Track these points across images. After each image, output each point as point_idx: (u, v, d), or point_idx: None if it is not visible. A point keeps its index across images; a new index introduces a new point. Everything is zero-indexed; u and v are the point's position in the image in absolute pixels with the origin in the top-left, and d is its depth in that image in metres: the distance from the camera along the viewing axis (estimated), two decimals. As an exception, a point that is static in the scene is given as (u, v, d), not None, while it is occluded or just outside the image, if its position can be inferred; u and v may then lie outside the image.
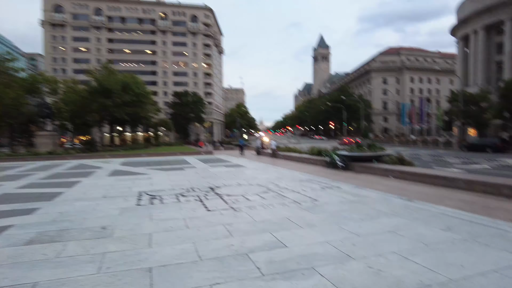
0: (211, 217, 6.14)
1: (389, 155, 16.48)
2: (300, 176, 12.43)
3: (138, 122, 47.94)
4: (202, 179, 11.73)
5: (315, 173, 13.53)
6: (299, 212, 6.34)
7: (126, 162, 20.88)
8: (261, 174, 13.18)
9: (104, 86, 36.05)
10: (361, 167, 14.94)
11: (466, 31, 56.03)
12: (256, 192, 8.76)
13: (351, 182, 10.99)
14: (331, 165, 16.59)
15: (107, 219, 6.14)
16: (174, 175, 13.19)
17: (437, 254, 3.93)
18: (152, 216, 6.31)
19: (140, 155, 29.38)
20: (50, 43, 75.55)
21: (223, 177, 12.21)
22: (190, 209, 6.88)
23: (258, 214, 6.22)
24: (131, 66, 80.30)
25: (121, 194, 8.95)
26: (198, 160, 22.16)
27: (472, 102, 41.28)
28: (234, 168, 15.88)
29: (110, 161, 22.29)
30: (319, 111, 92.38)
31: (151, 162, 21.06)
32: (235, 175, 12.96)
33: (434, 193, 8.64)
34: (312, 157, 19.16)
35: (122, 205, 7.49)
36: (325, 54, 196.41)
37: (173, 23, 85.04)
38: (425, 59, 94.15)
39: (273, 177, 11.98)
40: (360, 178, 12.26)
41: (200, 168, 16.00)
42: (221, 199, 7.90)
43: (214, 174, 13.27)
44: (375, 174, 13.80)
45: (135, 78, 45.68)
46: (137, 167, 17.01)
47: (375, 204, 6.96)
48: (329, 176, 12.61)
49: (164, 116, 77.00)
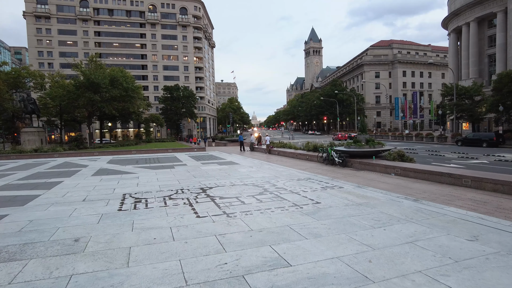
0: (201, 225, 5.41)
1: (388, 150, 15.97)
2: (297, 174, 11.77)
3: (128, 117, 46.53)
4: (193, 179, 10.96)
5: (312, 170, 12.89)
6: (301, 218, 5.65)
7: (114, 160, 19.93)
8: (256, 172, 12.47)
9: (91, 80, 34.55)
10: (360, 164, 14.36)
11: (458, 23, 55.81)
12: (251, 193, 8.05)
13: (351, 180, 10.37)
14: (328, 161, 16.00)
15: (83, 229, 5.36)
16: (163, 174, 12.38)
17: (473, 274, 3.28)
18: (134, 224, 5.55)
19: (130, 152, 28.35)
20: (35, 36, 72.79)
21: (216, 176, 11.45)
22: (177, 215, 6.13)
23: (254, 221, 5.51)
24: (120, 60, 78.07)
25: (103, 197, 8.14)
26: (190, 157, 21.32)
27: (465, 95, 41.11)
28: (228, 165, 15.11)
29: (98, 159, 21.28)
30: (312, 105, 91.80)
31: (140, 159, 20.15)
32: (228, 173, 12.22)
33: (440, 191, 8.08)
34: (308, 153, 18.53)
35: (102, 210, 6.70)
36: (317, 48, 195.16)
37: (162, 16, 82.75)
38: (416, 53, 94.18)
39: (269, 176, 11.28)
40: (360, 175, 11.66)
41: (191, 166, 15.20)
42: (213, 202, 7.17)
43: (206, 173, 12.50)
44: (375, 171, 13.23)
45: (124, 72, 44.11)
46: (125, 165, 16.12)
47: (384, 207, 6.32)
48: (327, 174, 11.98)
49: (155, 111, 75.50)
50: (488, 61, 51.44)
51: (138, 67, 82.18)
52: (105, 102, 36.74)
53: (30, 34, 73.06)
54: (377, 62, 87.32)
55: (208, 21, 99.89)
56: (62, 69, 59.13)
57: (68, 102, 36.41)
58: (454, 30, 57.76)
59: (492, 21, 49.79)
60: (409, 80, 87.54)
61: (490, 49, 50.67)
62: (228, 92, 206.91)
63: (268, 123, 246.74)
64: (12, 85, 43.83)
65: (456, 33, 57.94)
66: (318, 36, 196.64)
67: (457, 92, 41.02)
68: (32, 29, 73.05)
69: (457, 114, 42.45)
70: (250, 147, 27.19)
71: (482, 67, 51.80)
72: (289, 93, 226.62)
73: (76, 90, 35.58)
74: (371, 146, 15.51)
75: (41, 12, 72.89)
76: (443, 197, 7.36)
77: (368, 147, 15.46)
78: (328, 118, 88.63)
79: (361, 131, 16.79)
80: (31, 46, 73.67)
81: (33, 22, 73.10)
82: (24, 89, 49.44)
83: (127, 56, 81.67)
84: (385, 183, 9.97)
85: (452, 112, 43.07)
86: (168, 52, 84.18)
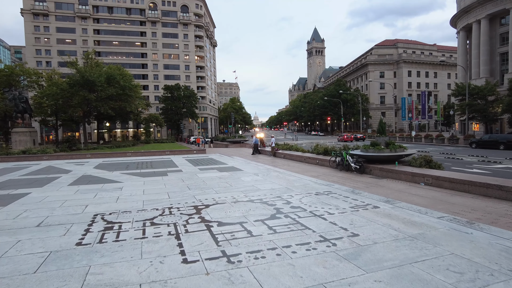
0: (188, 281, 3.51)
1: (411, 155, 14.04)
2: (312, 184, 9.85)
3: (126, 117, 44.67)
4: (187, 191, 9.05)
5: (327, 178, 11.00)
6: (339, 267, 3.74)
7: (103, 164, 18.07)
8: (263, 182, 10.55)
9: (86, 78, 32.70)
10: (381, 170, 12.45)
11: (468, 21, 53.77)
12: (260, 216, 6.14)
13: (376, 191, 8.51)
14: (342, 166, 14.10)
15: (5, 286, 3.48)
16: (152, 184, 10.48)
17: None
18: (88, 276, 3.66)
19: (125, 154, 26.51)
20: (32, 34, 71.10)
21: (214, 188, 9.54)
22: (156, 256, 4.24)
23: (270, 275, 3.60)
24: (120, 59, 76.20)
25: (67, 219, 6.26)
26: (187, 161, 19.43)
27: (478, 95, 39.09)
28: (229, 172, 13.17)
29: (87, 162, 19.45)
30: (315, 105, 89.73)
31: (132, 163, 18.28)
32: (230, 183, 10.29)
33: (494, 210, 6.30)
34: (318, 157, 16.61)
35: (55, 244, 4.82)
36: (319, 48, 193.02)
37: (163, 14, 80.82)
38: (422, 52, 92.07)
39: (279, 187, 9.37)
40: (384, 185, 9.78)
41: (187, 173, 13.28)
42: (208, 231, 5.26)
43: (203, 183, 10.59)
44: (400, 179, 11.33)
45: (121, 70, 42.30)
46: (112, 171, 14.25)
47: (451, 243, 4.41)
48: (346, 183, 10.09)
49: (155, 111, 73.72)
50: (500, 60, 49.40)
51: (138, 66, 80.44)
52: (100, 101, 34.92)
53: (27, 32, 71.44)
54: (382, 61, 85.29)
55: (210, 20, 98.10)
56: (60, 67, 57.48)
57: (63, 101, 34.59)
58: (464, 28, 55.74)
59: (504, 18, 47.79)
60: (415, 80, 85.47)
61: (502, 47, 48.62)
62: (230, 92, 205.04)
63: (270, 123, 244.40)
64: (5, 83, 42.06)
65: (465, 31, 55.92)
66: (320, 36, 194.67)
67: (469, 91, 39.01)
68: (29, 27, 71.43)
69: (469, 115, 40.41)
70: (254, 149, 25.13)
71: (494, 66, 49.76)
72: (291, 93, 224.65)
73: (70, 88, 33.75)
74: (392, 150, 13.59)
75: (39, 9, 71.24)
76: (504, 219, 5.52)
77: (388, 151, 13.55)
78: (332, 119, 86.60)
79: (380, 132, 14.86)
80: (28, 44, 72.01)
81: (31, 19, 71.49)
82: (18, 88, 47.71)
83: (127, 54, 79.95)
84: (418, 196, 8.12)
85: (464, 112, 41.02)
86: (169, 51, 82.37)
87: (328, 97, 79.55)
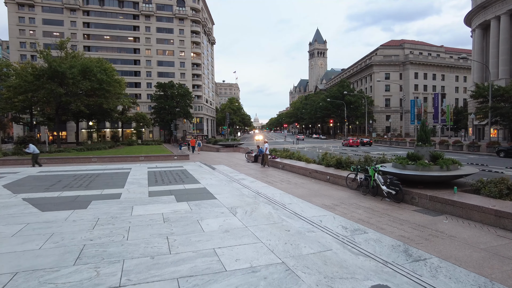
0: None
1: (471, 174, 9.37)
2: (334, 244, 5.16)
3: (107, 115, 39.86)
4: (63, 269, 4.37)
5: (348, 211, 6.32)
6: None
7: (30, 178, 13.36)
8: (237, 237, 5.85)
9: (54, 69, 28.06)
10: (431, 200, 7.82)
11: (485, 17, 49.22)
12: None
13: (446, 251, 3.84)
14: (366, 188, 9.44)
15: None
16: (31, 242, 5.79)
17: None
18: None
19: (89, 159, 21.85)
20: (17, 26, 66.54)
21: (130, 256, 4.83)
22: None
23: None
24: (111, 54, 71.53)
25: None
26: (149, 173, 14.67)
27: (503, 97, 34.53)
28: (191, 204, 8.07)
29: (18, 172, 14.79)
30: (317, 107, 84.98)
31: (76, 176, 13.58)
32: (171, 242, 5.52)
33: None
34: (328, 171, 11.93)
35: None
36: (321, 49, 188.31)
37: (158, 7, 76.18)
38: (429, 53, 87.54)
39: (269, 262, 4.70)
40: (451, 232, 5.10)
41: (124, 202, 8.51)
42: None
43: (122, 236, 5.81)
44: (470, 218, 6.66)
45: (103, 63, 37.63)
46: (17, 194, 9.55)
47: None
48: (385, 226, 5.45)
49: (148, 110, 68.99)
50: (522, 60, 44.84)
51: (131, 62, 75.78)
52: (72, 96, 30.21)
53: (11, 23, 66.84)
54: (387, 62, 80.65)
55: (208, 15, 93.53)
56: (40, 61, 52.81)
57: (26, 95, 29.83)
58: (480, 26, 51.16)
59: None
60: (421, 82, 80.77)
61: (525, 45, 44.09)
62: (229, 93, 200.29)
63: (270, 125, 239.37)
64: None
65: (482, 28, 51.35)
66: (322, 38, 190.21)
67: (492, 93, 34.42)
68: (13, 18, 66.82)
69: (492, 119, 35.77)
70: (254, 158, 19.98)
71: (516, 66, 45.20)
72: (292, 95, 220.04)
73: (36, 80, 29.04)
74: (444, 167, 8.93)
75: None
76: None
77: (438, 168, 8.89)
78: (335, 121, 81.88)
79: (422, 140, 10.19)
80: (12, 36, 67.37)
81: (15, 10, 66.92)
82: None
83: (119, 50, 75.29)
84: None
85: (486, 116, 36.39)
86: (163, 47, 77.70)
87: (331, 99, 74.91)
